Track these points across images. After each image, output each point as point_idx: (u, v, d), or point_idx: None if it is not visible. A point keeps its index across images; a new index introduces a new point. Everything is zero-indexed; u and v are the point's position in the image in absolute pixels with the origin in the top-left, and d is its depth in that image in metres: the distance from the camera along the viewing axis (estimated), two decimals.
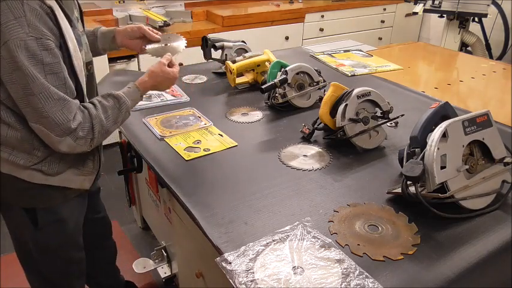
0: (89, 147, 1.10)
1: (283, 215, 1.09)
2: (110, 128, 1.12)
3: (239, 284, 0.87)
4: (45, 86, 0.98)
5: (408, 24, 4.48)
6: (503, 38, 3.72)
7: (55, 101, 0.99)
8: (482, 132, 1.13)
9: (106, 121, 1.10)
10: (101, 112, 1.10)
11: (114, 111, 1.13)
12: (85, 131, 1.06)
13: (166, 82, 1.27)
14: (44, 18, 0.98)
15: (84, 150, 1.10)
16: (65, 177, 1.18)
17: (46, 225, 1.22)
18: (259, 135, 1.53)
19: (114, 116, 1.13)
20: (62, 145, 1.05)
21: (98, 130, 1.08)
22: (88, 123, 1.06)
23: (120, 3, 3.30)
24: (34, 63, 0.96)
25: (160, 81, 1.25)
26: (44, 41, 0.97)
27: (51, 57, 0.99)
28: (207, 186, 1.21)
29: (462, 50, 3.40)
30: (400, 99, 1.80)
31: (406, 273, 0.91)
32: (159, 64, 1.25)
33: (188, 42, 1.48)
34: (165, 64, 1.26)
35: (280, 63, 1.73)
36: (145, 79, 1.23)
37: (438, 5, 3.18)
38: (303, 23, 3.70)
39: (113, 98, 1.14)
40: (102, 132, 1.10)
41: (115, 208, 2.47)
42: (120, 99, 1.15)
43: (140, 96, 1.23)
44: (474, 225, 1.06)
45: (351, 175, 1.28)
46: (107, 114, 1.11)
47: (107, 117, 1.11)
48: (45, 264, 1.31)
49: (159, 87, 1.28)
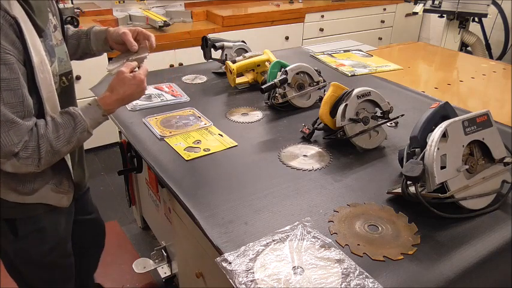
0: (36, 168, 1.01)
1: (283, 215, 1.09)
2: (61, 148, 1.03)
3: (239, 284, 0.87)
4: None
5: (408, 24, 4.48)
6: (503, 38, 3.72)
7: (1, 124, 0.93)
8: (482, 132, 1.13)
9: (56, 141, 1.01)
10: (50, 131, 1.01)
11: (67, 131, 1.03)
12: (29, 151, 0.98)
13: (131, 89, 1.11)
14: (5, 30, 0.92)
15: (32, 171, 1.02)
16: (42, 194, 1.13)
17: (26, 235, 1.17)
18: (259, 135, 1.53)
19: (66, 136, 1.03)
20: (6, 166, 0.99)
21: (45, 150, 1.00)
22: (33, 142, 0.98)
23: (120, 3, 3.30)
24: None
25: (124, 91, 1.10)
26: (2, 55, 0.91)
27: (8, 72, 0.92)
28: (207, 186, 1.21)
29: (462, 50, 3.41)
30: (400, 99, 1.80)
31: (406, 273, 0.91)
32: (118, 74, 1.11)
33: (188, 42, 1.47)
34: (124, 72, 1.11)
35: (280, 63, 1.73)
36: (106, 94, 1.11)
37: (438, 5, 3.18)
38: (303, 23, 3.71)
39: (68, 116, 1.05)
40: (51, 152, 1.01)
41: (115, 208, 2.48)
42: (76, 118, 1.05)
43: (103, 115, 1.10)
44: (474, 225, 1.06)
45: (350, 175, 1.28)
46: (58, 134, 1.02)
47: (57, 137, 1.01)
48: (28, 273, 1.27)
49: (126, 98, 1.13)
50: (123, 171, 1.79)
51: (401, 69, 2.23)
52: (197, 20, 3.43)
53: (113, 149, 2.99)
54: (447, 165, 1.05)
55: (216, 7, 3.60)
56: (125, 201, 2.17)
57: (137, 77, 1.12)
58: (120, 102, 1.13)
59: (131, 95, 1.13)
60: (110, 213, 2.41)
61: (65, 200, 1.20)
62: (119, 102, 1.12)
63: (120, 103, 1.13)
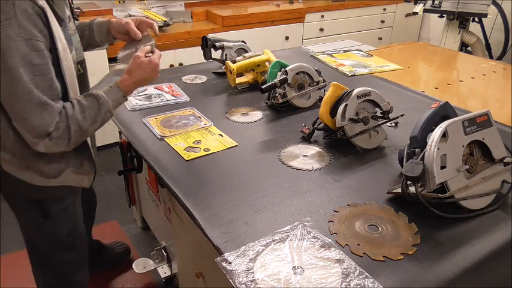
0: (66, 147, 1.11)
1: (283, 215, 1.09)
2: (87, 128, 1.12)
3: (239, 284, 0.87)
4: (28, 90, 0.99)
5: (408, 24, 4.48)
6: (503, 38, 3.72)
7: (36, 105, 1.01)
8: (482, 132, 1.13)
9: (83, 121, 1.10)
10: (78, 112, 1.10)
11: (93, 112, 1.12)
12: (60, 131, 1.06)
13: (147, 73, 1.23)
14: (34, 19, 0.99)
15: (62, 150, 1.12)
16: (65, 176, 1.21)
17: (55, 214, 1.26)
18: (259, 135, 1.53)
19: (92, 117, 1.12)
20: (39, 146, 1.07)
21: (75, 130, 1.09)
22: (64, 123, 1.07)
23: (120, 3, 3.30)
24: (23, 64, 0.97)
25: (140, 74, 1.22)
26: (33, 42, 0.98)
27: (39, 58, 1.00)
28: (207, 186, 1.21)
29: (462, 50, 3.41)
30: (400, 99, 1.80)
31: (406, 273, 0.91)
32: (134, 58, 1.23)
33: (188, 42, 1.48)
34: (140, 56, 1.22)
35: (280, 63, 1.73)
36: (125, 77, 1.21)
37: (438, 5, 3.18)
38: (303, 23, 3.70)
39: (92, 98, 1.14)
40: (79, 132, 1.10)
41: (115, 208, 2.47)
42: (99, 99, 1.14)
43: (123, 96, 1.21)
44: (474, 225, 1.06)
45: (350, 175, 1.28)
46: (84, 115, 1.11)
47: (84, 118, 1.10)
48: (51, 255, 1.35)
49: (142, 81, 1.24)
50: (123, 171, 1.79)
51: (401, 69, 2.23)
52: (197, 20, 3.43)
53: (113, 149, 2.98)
54: (447, 165, 1.05)
55: (216, 7, 3.60)
56: (124, 201, 2.17)
57: (152, 62, 1.22)
58: (137, 84, 1.24)
59: (147, 78, 1.24)
60: (110, 213, 2.41)
61: (86, 180, 1.29)
62: (136, 85, 1.23)
63: (137, 85, 1.24)
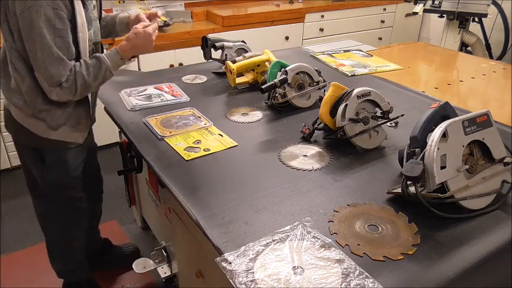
0: (73, 97, 1.37)
1: (283, 215, 1.09)
2: (90, 82, 1.37)
3: (239, 284, 0.87)
4: (49, 45, 1.26)
5: (408, 24, 4.48)
6: (503, 38, 3.72)
7: (55, 59, 1.28)
8: (482, 132, 1.13)
9: (87, 76, 1.35)
10: (83, 69, 1.35)
11: (95, 69, 1.37)
12: (69, 83, 1.32)
13: (142, 41, 1.45)
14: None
15: (70, 99, 1.38)
16: (63, 132, 1.47)
17: (52, 164, 1.50)
18: (259, 135, 1.53)
19: (95, 73, 1.37)
20: (53, 94, 1.33)
21: (80, 83, 1.34)
22: (72, 77, 1.33)
23: (120, 3, 3.30)
24: (48, 26, 1.24)
25: (136, 42, 1.44)
26: (58, 11, 1.25)
27: (61, 24, 1.27)
28: (207, 186, 1.22)
29: (462, 50, 3.41)
30: (400, 99, 1.80)
31: (406, 273, 0.91)
32: (133, 28, 1.47)
33: (188, 42, 1.52)
34: (137, 28, 1.46)
35: (280, 63, 1.73)
36: (123, 43, 1.45)
37: (438, 5, 3.18)
38: (303, 23, 3.70)
39: (95, 58, 1.39)
40: (84, 85, 1.35)
41: (115, 208, 2.47)
42: (101, 59, 1.39)
43: (120, 59, 1.44)
44: (474, 225, 1.06)
45: (350, 175, 1.28)
46: (89, 71, 1.36)
47: (88, 73, 1.36)
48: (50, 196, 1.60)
49: (138, 47, 1.46)
50: (123, 171, 1.79)
51: (401, 69, 2.23)
52: (197, 20, 3.43)
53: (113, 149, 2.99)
54: (447, 165, 1.05)
55: (216, 7, 3.60)
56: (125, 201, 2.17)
57: (146, 32, 1.46)
58: (133, 50, 1.46)
59: (142, 45, 1.46)
60: (110, 213, 2.41)
61: (81, 137, 1.54)
62: (132, 50, 1.45)
63: (133, 51, 1.46)
